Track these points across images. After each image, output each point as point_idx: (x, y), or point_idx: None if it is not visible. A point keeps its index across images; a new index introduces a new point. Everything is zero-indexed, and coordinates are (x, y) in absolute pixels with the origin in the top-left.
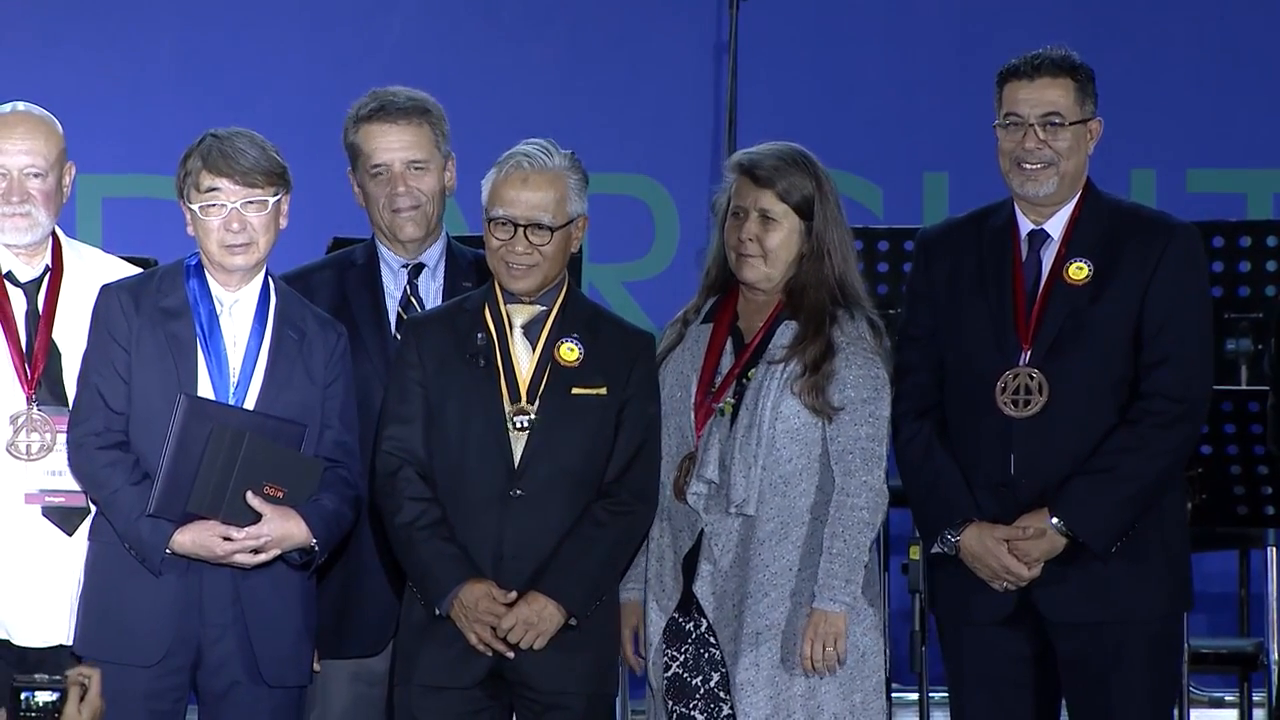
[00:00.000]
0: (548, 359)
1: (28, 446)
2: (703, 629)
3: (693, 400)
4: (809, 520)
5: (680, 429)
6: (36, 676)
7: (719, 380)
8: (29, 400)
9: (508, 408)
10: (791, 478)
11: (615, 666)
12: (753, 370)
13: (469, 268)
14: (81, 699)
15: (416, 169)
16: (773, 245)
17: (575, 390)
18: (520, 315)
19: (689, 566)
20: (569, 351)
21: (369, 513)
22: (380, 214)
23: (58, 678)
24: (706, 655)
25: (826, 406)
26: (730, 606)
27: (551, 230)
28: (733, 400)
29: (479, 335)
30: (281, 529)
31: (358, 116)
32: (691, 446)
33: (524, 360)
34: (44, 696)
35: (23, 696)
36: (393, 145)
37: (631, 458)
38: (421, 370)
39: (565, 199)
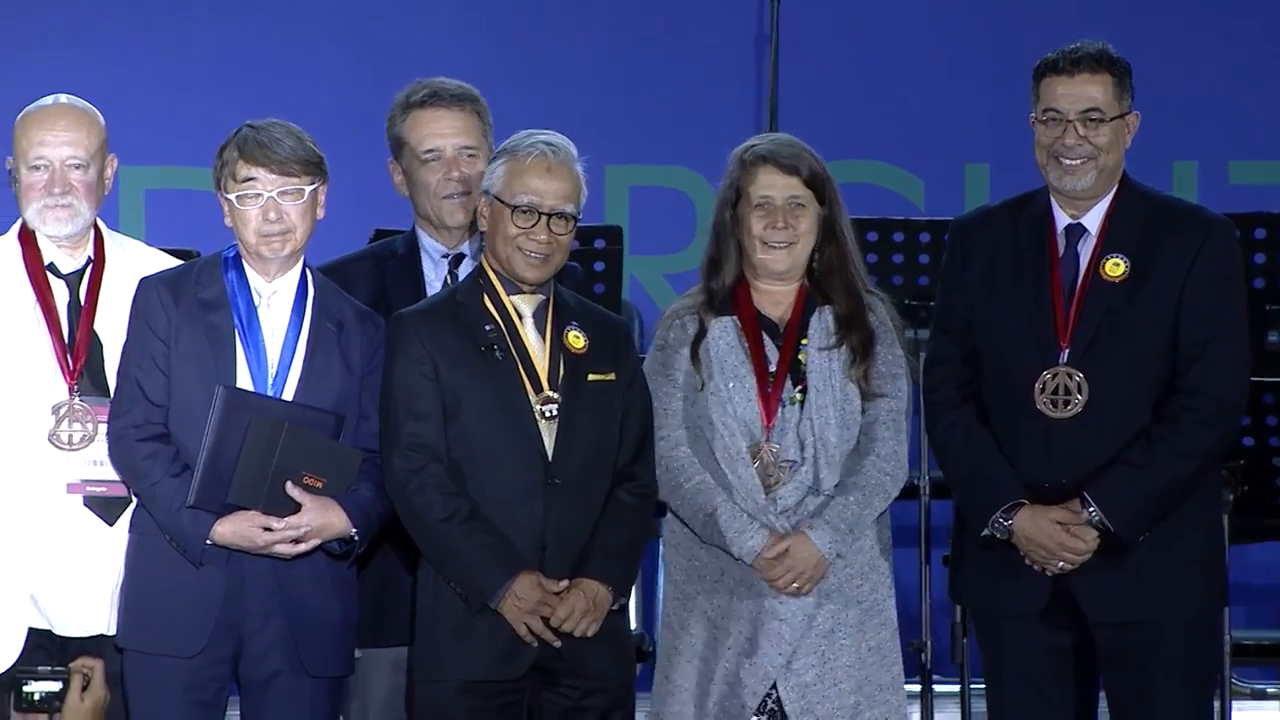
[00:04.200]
0: (559, 347)
1: (69, 436)
2: None
3: (754, 393)
4: None
5: (743, 421)
6: (38, 668)
7: (773, 371)
8: (71, 390)
9: (533, 397)
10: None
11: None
12: (802, 355)
13: None
14: (84, 689)
15: (469, 155)
16: (803, 231)
17: (591, 377)
18: (527, 305)
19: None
20: (575, 339)
21: None
22: (429, 200)
23: (60, 668)
24: None
25: (871, 390)
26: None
27: (573, 220)
28: (800, 392)
29: (487, 327)
30: (321, 519)
31: (407, 104)
32: (758, 436)
33: (538, 349)
34: (44, 687)
35: (23, 687)
36: (446, 130)
37: (640, 442)
38: (432, 365)
39: (580, 190)
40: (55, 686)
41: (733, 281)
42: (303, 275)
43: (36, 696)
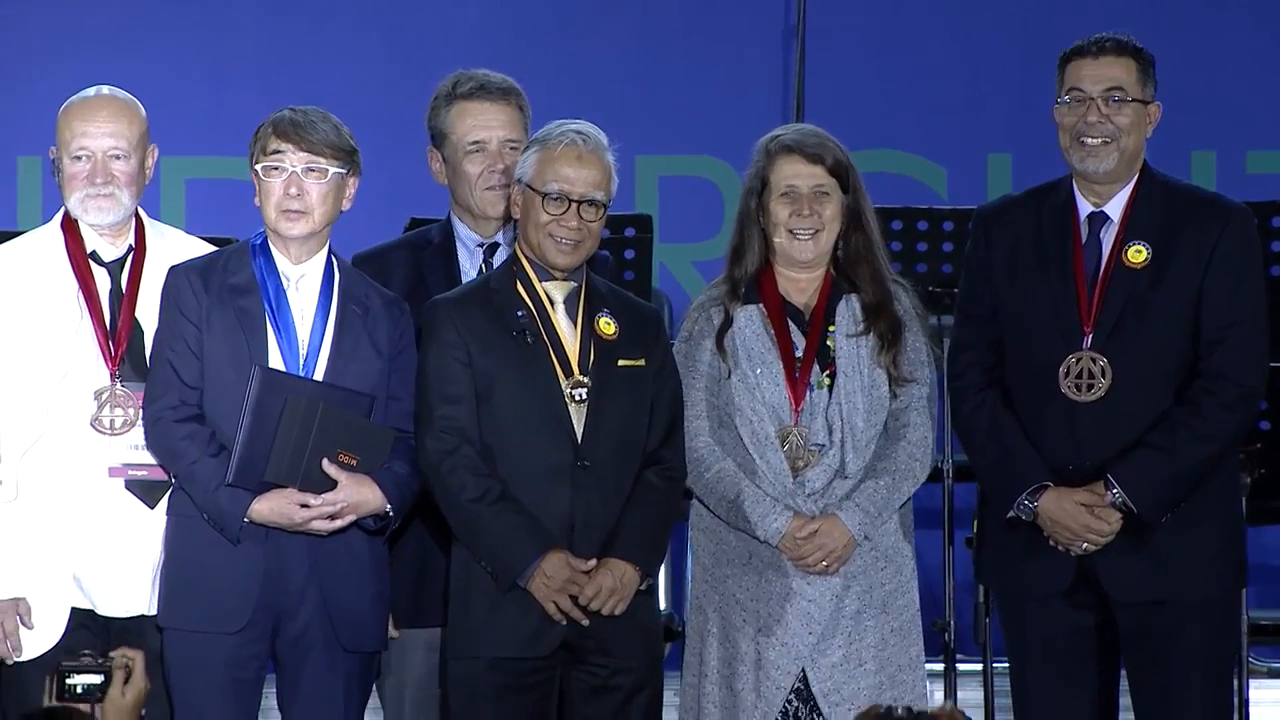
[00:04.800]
0: (590, 333)
1: (111, 421)
2: None
3: (782, 378)
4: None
5: (771, 406)
6: (82, 657)
7: (799, 356)
8: (113, 376)
9: (563, 382)
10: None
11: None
12: (830, 341)
13: None
14: (126, 681)
15: (511, 148)
16: (828, 216)
17: (621, 362)
18: (559, 291)
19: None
20: (606, 325)
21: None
22: (470, 190)
23: (101, 660)
24: None
25: (901, 376)
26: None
27: (604, 207)
28: (828, 376)
29: (519, 313)
30: (357, 495)
31: (453, 94)
32: (786, 420)
33: (569, 335)
34: (87, 679)
35: (67, 679)
36: (491, 123)
37: (669, 427)
38: (465, 349)
39: (611, 178)
40: (98, 679)
41: (756, 269)
42: (328, 260)
43: (79, 689)
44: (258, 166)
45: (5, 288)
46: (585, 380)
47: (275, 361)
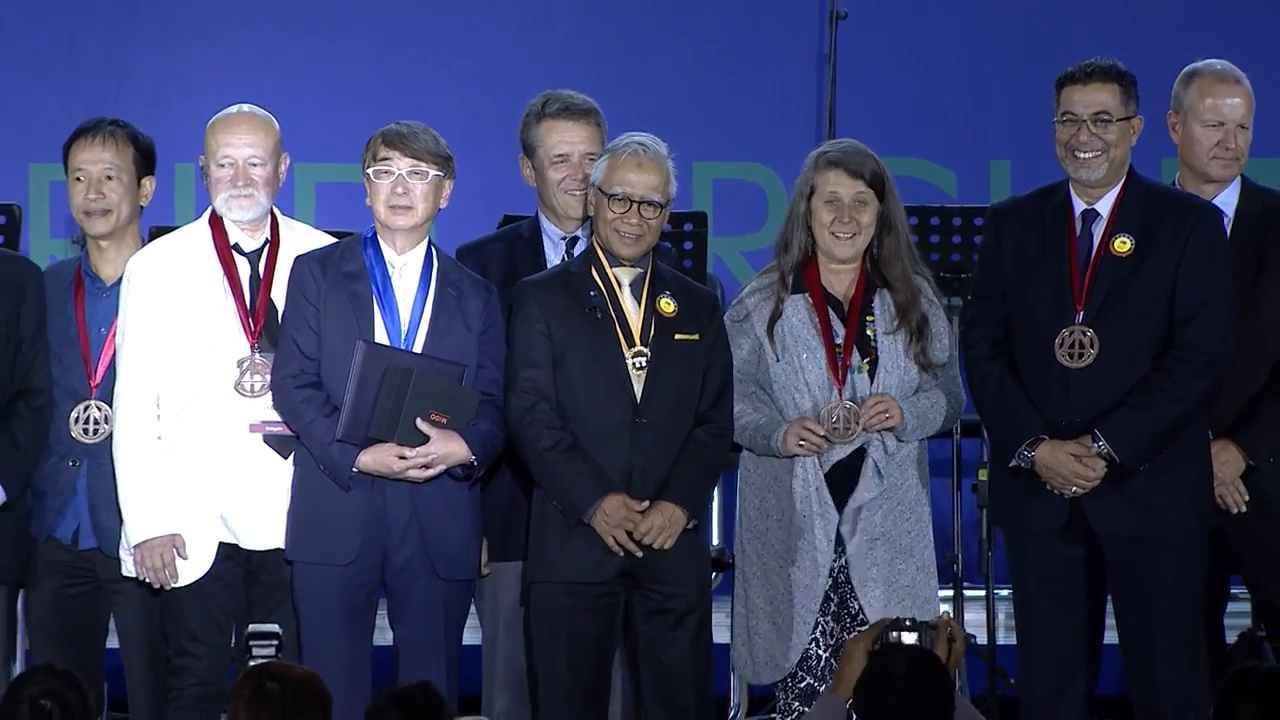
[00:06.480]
0: (651, 311)
1: (251, 385)
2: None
3: (824, 362)
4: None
5: (812, 385)
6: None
7: (839, 343)
8: (252, 348)
9: (626, 351)
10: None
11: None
12: (870, 330)
13: None
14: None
15: (590, 160)
16: (865, 222)
17: (677, 336)
18: (626, 276)
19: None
20: (667, 305)
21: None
22: (554, 195)
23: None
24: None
25: (930, 360)
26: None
27: (661, 207)
28: (867, 363)
29: (592, 293)
30: (446, 448)
31: (542, 113)
32: (831, 401)
33: (633, 312)
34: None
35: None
36: (575, 139)
37: (719, 393)
38: (545, 323)
39: (669, 182)
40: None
41: (800, 260)
42: (428, 250)
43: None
44: (369, 170)
45: (162, 274)
46: (645, 350)
47: (380, 337)
